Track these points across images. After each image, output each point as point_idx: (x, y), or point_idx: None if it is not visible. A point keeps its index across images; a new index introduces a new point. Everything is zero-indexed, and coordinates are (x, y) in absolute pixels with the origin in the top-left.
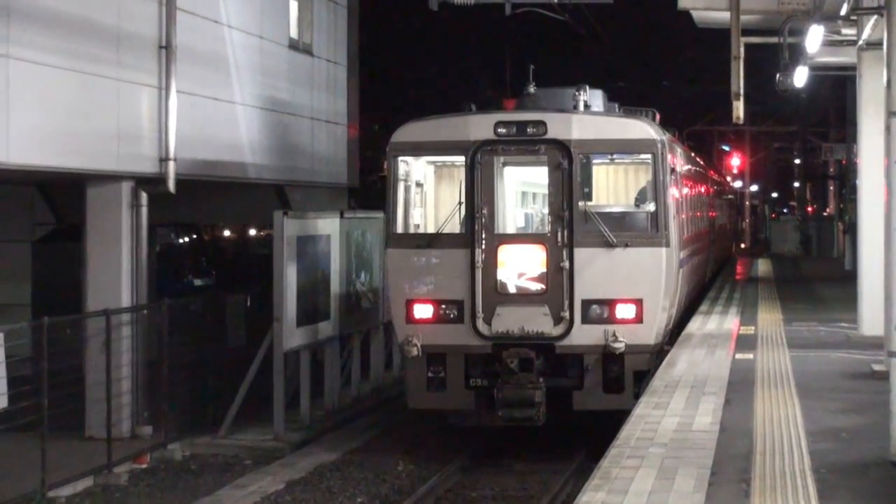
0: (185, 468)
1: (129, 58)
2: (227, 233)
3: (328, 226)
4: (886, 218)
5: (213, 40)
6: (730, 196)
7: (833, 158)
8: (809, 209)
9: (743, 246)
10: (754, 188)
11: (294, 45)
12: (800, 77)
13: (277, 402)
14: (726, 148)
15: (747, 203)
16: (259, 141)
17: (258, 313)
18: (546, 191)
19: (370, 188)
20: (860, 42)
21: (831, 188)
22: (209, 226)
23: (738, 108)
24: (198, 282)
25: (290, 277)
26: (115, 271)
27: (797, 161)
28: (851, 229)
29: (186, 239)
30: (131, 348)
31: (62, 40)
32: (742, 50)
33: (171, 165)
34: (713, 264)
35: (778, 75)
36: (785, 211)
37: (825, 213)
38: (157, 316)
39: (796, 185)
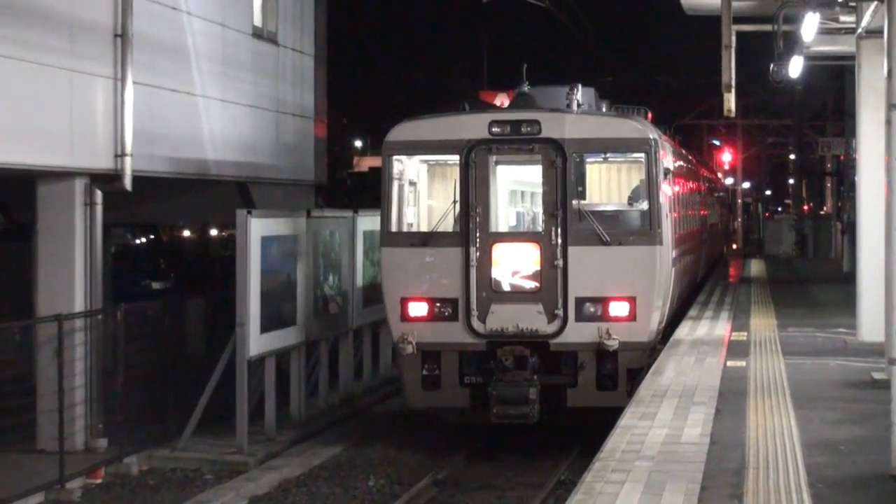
0: (142, 483)
1: (82, 47)
2: (186, 233)
3: (294, 226)
4: (887, 217)
5: (171, 28)
6: (721, 194)
7: (830, 154)
8: (805, 208)
9: (735, 247)
10: (746, 185)
11: (258, 34)
12: (795, 67)
13: (240, 412)
14: (717, 143)
15: (739, 201)
16: (221, 135)
17: (220, 318)
18: (540, 189)
19: (339, 185)
20: (859, 30)
21: (828, 185)
22: (168, 226)
23: (730, 101)
24: (156, 285)
25: (253, 280)
26: (68, 274)
27: (792, 157)
28: (850, 229)
29: (144, 240)
30: (85, 356)
31: (9, 28)
32: (734, 38)
33: (128, 161)
34: (705, 264)
35: (772, 65)
36: (779, 210)
37: (822, 212)
38: (113, 321)
39: (791, 182)
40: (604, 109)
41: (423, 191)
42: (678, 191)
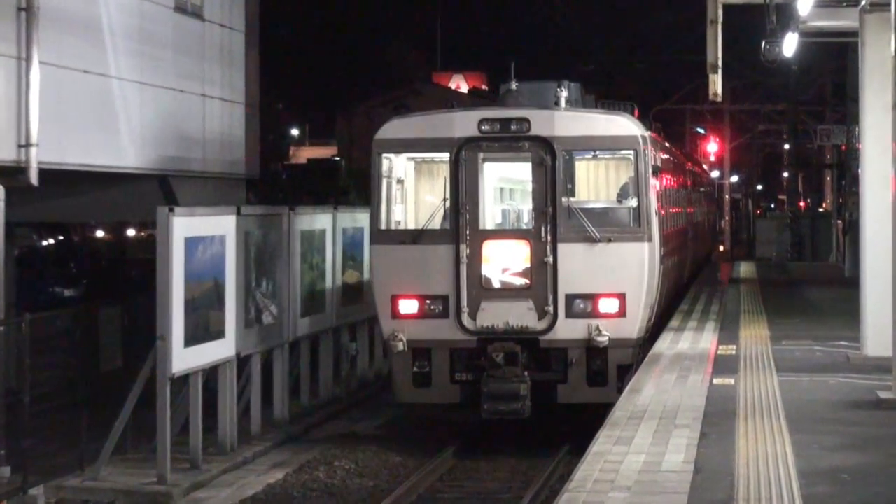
0: None
1: None
2: (100, 234)
3: (223, 225)
4: (894, 214)
5: (83, 1)
6: (705, 189)
7: (830, 143)
8: (802, 204)
9: (722, 249)
10: (735, 179)
11: (181, 7)
12: (790, 45)
13: (162, 437)
14: (701, 130)
15: (727, 197)
16: (140, 123)
17: (139, 330)
18: (530, 187)
19: (274, 179)
20: (863, 2)
21: (828, 179)
22: (80, 225)
23: (716, 83)
24: (66, 292)
25: (176, 287)
26: None
27: (787, 146)
28: (852, 228)
29: (52, 241)
30: None
31: None
32: (720, 13)
33: (33, 152)
34: (691, 265)
35: (764, 43)
36: (772, 207)
37: (821, 209)
38: (17, 333)
39: (786, 175)
40: (592, 105)
41: (410, 188)
42: (665, 188)
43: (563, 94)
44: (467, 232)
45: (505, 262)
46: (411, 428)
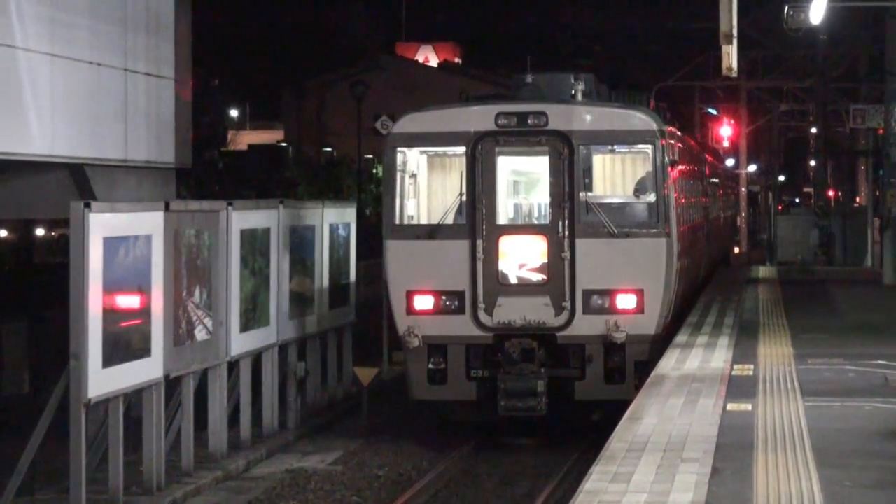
0: None
1: None
2: (2, 233)
3: (149, 223)
4: None
5: None
6: (724, 182)
7: (865, 126)
8: (831, 197)
9: (737, 251)
10: (752, 169)
11: None
12: (817, 10)
13: (75, 472)
14: (713, 111)
15: (743, 190)
16: (49, 102)
17: (49, 347)
18: (547, 181)
19: (209, 169)
20: None
21: (862, 168)
22: None
23: (731, 56)
24: None
25: (92, 297)
26: None
27: (814, 130)
28: (892, 226)
29: None
30: None
31: None
32: None
33: None
34: (708, 263)
35: (787, 9)
36: (796, 201)
37: (854, 204)
38: None
39: (812, 164)
40: (605, 96)
41: (423, 183)
42: (684, 183)
43: (580, 87)
44: (484, 227)
45: (522, 257)
46: (371, 462)
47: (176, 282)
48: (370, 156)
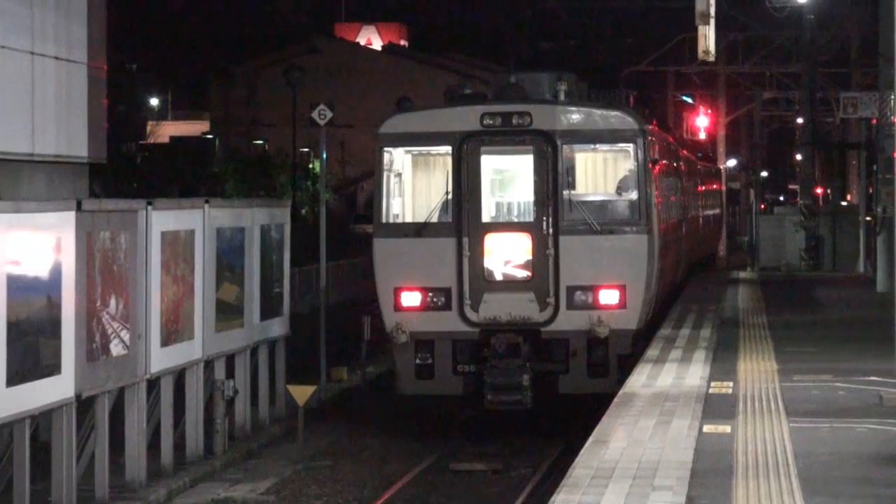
0: None
1: None
2: None
3: (59, 224)
4: None
5: None
6: (707, 180)
7: (857, 116)
8: (819, 195)
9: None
10: (732, 164)
11: None
12: None
13: None
14: (688, 99)
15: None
16: None
17: None
18: (531, 180)
19: (126, 164)
20: None
21: (854, 163)
22: None
23: (707, 38)
24: None
25: None
26: None
27: (800, 121)
28: (886, 227)
29: None
30: None
31: None
32: None
33: None
34: (689, 260)
35: None
36: (781, 199)
37: (844, 203)
38: None
39: (799, 158)
40: (584, 94)
41: (408, 182)
42: (664, 181)
43: (563, 87)
44: (469, 225)
45: (507, 254)
46: (307, 492)
47: (89, 290)
48: (306, 149)
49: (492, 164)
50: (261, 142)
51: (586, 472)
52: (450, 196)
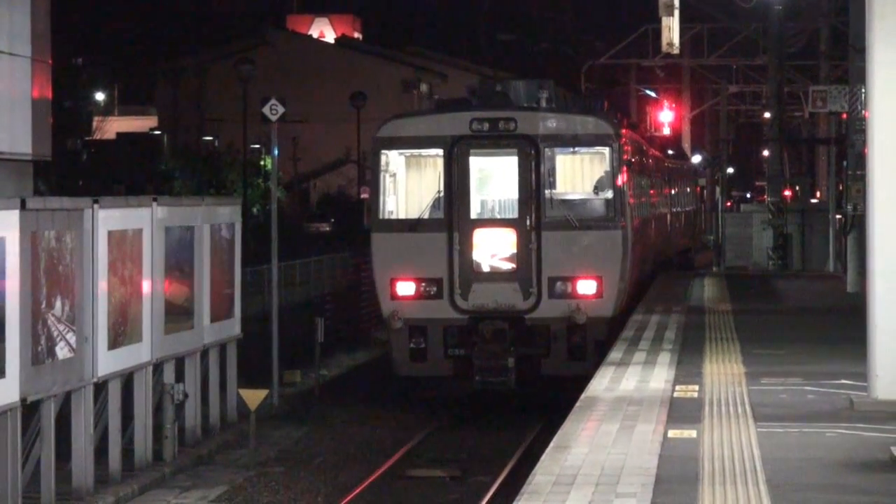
0: None
1: None
2: None
3: (1, 223)
4: None
5: None
6: (680, 178)
7: (827, 110)
8: (788, 193)
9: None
10: (697, 160)
11: None
12: None
13: None
14: (651, 93)
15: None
16: None
17: None
18: (516, 180)
19: (72, 161)
20: None
21: (824, 158)
22: None
23: (672, 29)
24: None
25: None
26: None
27: (767, 115)
28: (857, 226)
29: None
30: None
31: None
32: None
33: None
34: (660, 254)
35: None
36: (748, 196)
37: (813, 200)
38: None
39: (766, 154)
40: (562, 98)
41: (401, 181)
42: (636, 180)
43: (544, 94)
44: (459, 221)
45: (493, 248)
46: (260, 499)
47: (34, 291)
48: (257, 145)
49: (479, 165)
50: (210, 138)
51: (547, 478)
52: (441, 194)
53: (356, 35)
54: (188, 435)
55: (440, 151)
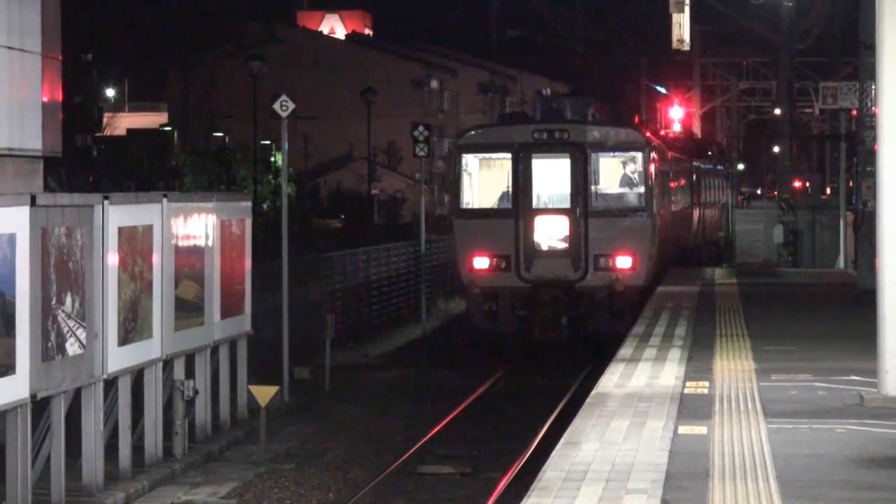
0: None
1: None
2: None
3: (12, 220)
4: None
5: None
6: (705, 177)
7: (837, 107)
8: (797, 187)
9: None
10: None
11: None
12: None
13: None
14: (661, 90)
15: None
16: None
17: None
18: (568, 178)
19: (82, 157)
20: None
21: (834, 155)
22: None
23: (682, 26)
24: None
25: None
26: None
27: (778, 111)
28: (867, 222)
29: None
30: None
31: None
32: None
33: None
34: (681, 239)
35: None
36: (758, 193)
37: (823, 197)
38: None
39: (776, 150)
40: (599, 114)
41: (476, 179)
42: (663, 179)
43: (591, 110)
44: (524, 209)
45: (551, 231)
46: (270, 495)
47: (44, 287)
48: (268, 142)
49: (539, 166)
50: (220, 134)
51: (557, 474)
52: (509, 189)
53: (366, 31)
54: (198, 431)
55: (508, 155)
